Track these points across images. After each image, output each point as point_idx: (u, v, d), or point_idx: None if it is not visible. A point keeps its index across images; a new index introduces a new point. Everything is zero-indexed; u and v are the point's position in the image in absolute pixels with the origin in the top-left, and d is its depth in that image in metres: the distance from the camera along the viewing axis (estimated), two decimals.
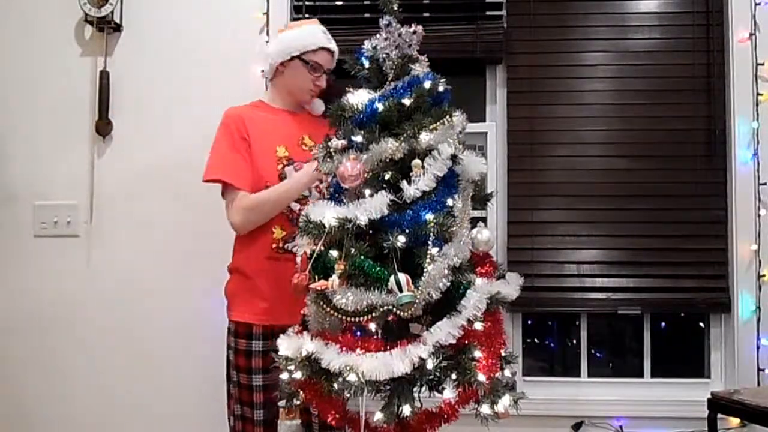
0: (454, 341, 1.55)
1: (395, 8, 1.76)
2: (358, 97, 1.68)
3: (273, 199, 1.99)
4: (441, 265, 1.55)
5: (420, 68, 1.75)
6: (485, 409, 1.59)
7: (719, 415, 2.07)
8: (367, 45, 1.80)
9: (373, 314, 1.54)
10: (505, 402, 1.61)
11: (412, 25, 1.78)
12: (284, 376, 1.66)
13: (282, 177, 2.03)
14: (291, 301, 1.83)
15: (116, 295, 2.52)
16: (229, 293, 2.11)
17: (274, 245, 2.02)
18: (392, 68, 1.72)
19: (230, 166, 2.01)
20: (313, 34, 2.13)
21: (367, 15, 2.50)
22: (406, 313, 1.53)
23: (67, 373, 2.51)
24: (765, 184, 2.42)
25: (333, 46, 2.15)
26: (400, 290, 1.52)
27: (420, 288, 1.53)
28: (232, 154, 2.02)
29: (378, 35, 1.80)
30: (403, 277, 1.52)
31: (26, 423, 2.51)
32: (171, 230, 2.52)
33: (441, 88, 1.69)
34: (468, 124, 1.86)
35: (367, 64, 1.75)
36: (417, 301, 1.52)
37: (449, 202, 1.62)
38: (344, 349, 1.56)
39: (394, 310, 1.52)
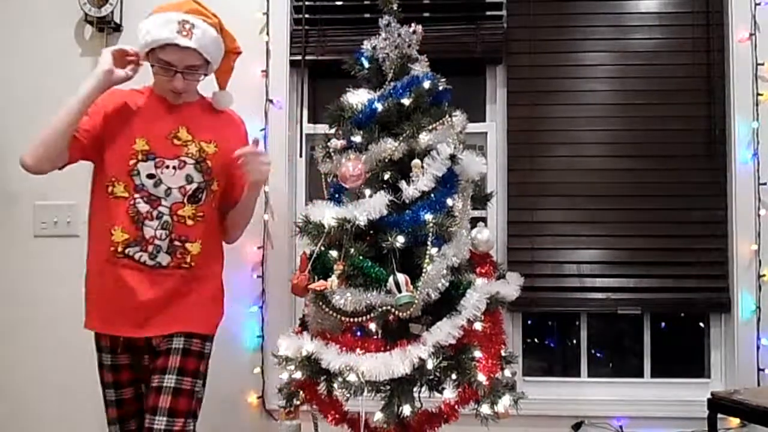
0: (454, 341, 1.56)
1: (395, 8, 1.77)
2: (357, 97, 1.68)
3: (59, 113, 1.79)
4: (440, 266, 1.55)
5: (420, 68, 1.75)
6: (485, 409, 1.60)
7: (719, 415, 2.07)
8: (367, 45, 1.80)
9: (372, 314, 1.54)
10: (505, 402, 1.61)
11: (412, 25, 1.78)
12: (284, 376, 1.66)
13: (133, 174, 1.78)
14: (133, 311, 1.74)
15: None
16: (85, 297, 1.88)
17: (112, 248, 1.76)
18: (392, 68, 1.73)
19: None
20: (164, 25, 1.72)
21: (367, 15, 2.50)
22: (405, 314, 1.53)
23: (66, 372, 2.51)
24: (765, 184, 2.42)
25: (185, 41, 1.70)
26: (399, 291, 1.52)
27: (419, 288, 1.53)
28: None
29: (377, 35, 1.81)
30: (402, 277, 1.53)
31: (26, 423, 2.51)
32: None
33: (440, 88, 1.70)
34: (468, 124, 1.86)
35: (366, 64, 1.75)
36: (416, 301, 1.52)
37: (448, 202, 1.62)
38: (344, 349, 1.56)
39: (393, 310, 1.53)
